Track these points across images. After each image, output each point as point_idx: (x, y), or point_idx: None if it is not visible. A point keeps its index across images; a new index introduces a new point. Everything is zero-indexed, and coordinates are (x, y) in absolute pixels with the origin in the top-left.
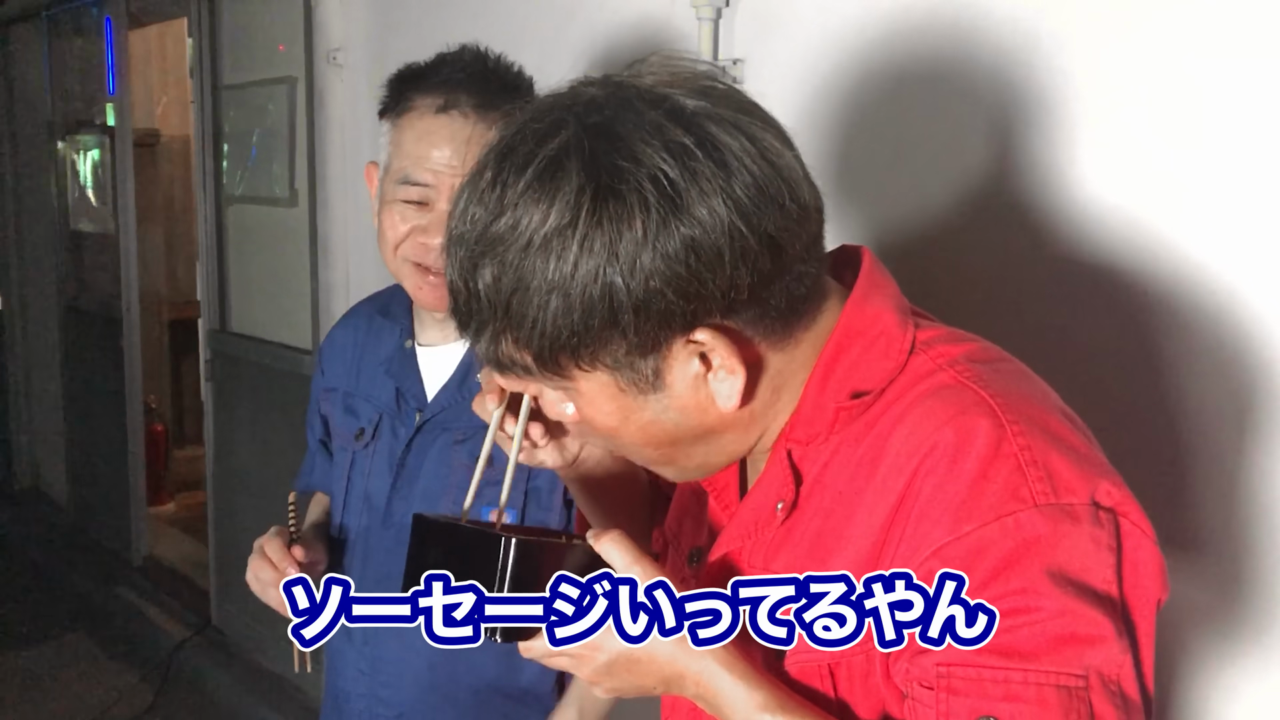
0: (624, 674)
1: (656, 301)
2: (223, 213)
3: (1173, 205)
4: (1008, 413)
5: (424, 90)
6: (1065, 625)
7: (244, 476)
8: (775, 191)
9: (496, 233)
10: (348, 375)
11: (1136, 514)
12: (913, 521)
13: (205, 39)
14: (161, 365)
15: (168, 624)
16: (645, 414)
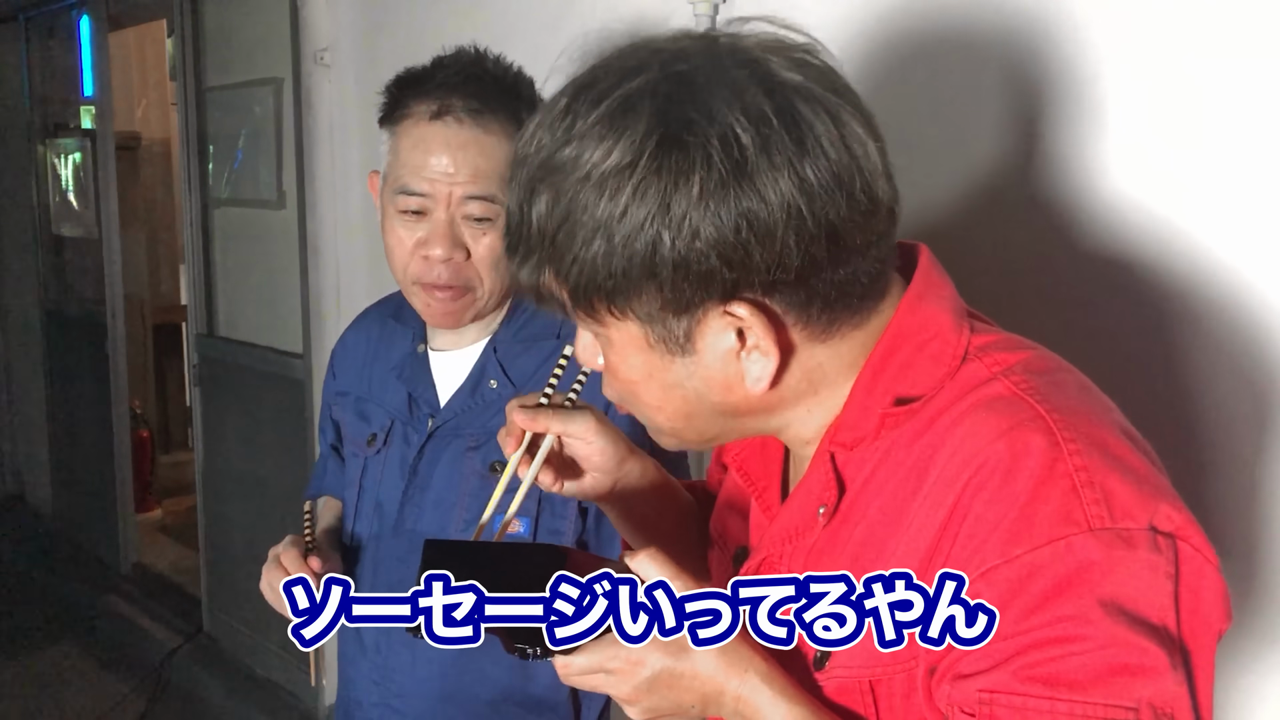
0: (665, 690)
1: (699, 262)
2: (209, 216)
3: (1193, 203)
4: (1064, 430)
5: (419, 96)
6: (1116, 655)
7: (234, 481)
8: (848, 180)
9: (559, 161)
10: (360, 379)
11: (1199, 539)
12: (961, 540)
13: (188, 40)
14: (146, 370)
15: (159, 632)
16: (669, 376)
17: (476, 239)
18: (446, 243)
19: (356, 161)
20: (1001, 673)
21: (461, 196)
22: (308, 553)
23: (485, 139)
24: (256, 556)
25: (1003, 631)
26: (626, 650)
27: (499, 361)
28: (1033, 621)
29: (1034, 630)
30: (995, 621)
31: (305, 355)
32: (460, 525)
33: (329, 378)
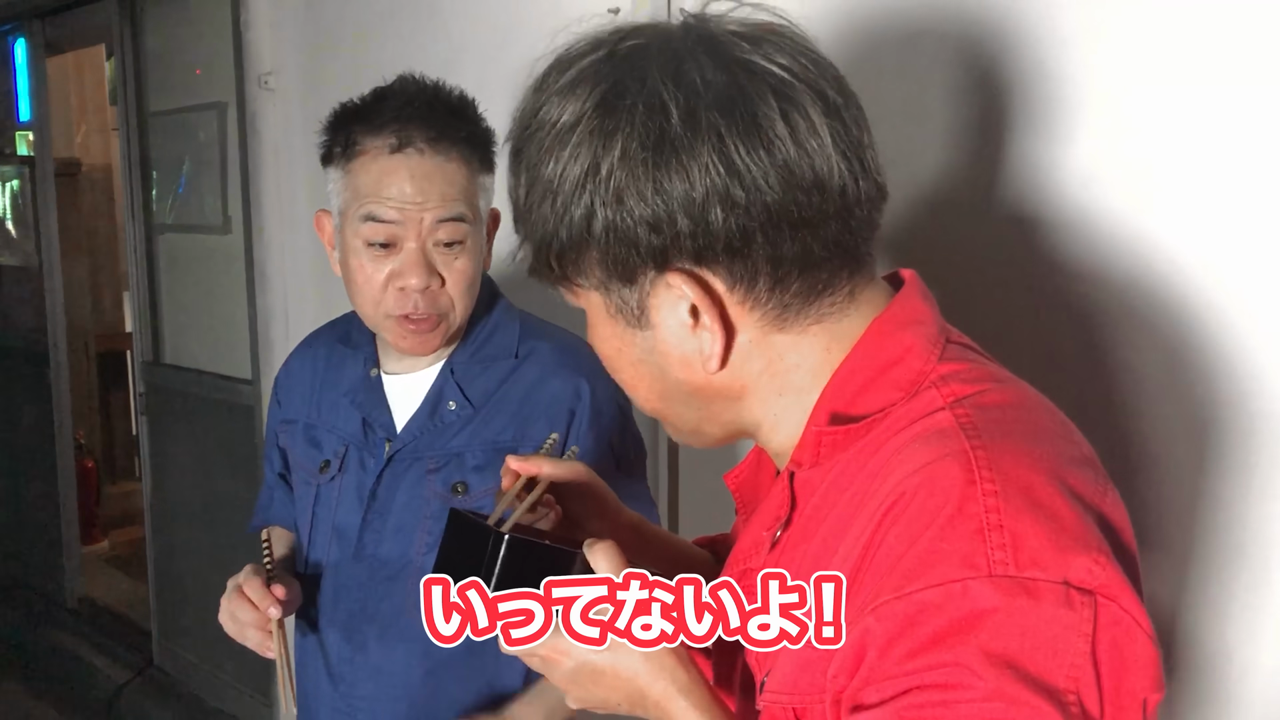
0: (589, 684)
1: (626, 226)
2: (153, 242)
3: (1148, 213)
4: (984, 468)
5: (372, 131)
6: (996, 711)
7: (183, 510)
8: (788, 160)
9: (531, 125)
10: (308, 406)
11: (1128, 600)
12: (870, 570)
13: (129, 64)
14: (90, 400)
15: (107, 666)
16: (634, 350)
17: (449, 265)
18: (423, 272)
19: (303, 185)
20: (886, 710)
21: (433, 222)
22: (269, 581)
23: (447, 166)
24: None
25: (888, 669)
26: (554, 641)
27: (457, 383)
28: (917, 663)
29: (918, 673)
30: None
31: (254, 381)
32: (422, 549)
33: (273, 406)
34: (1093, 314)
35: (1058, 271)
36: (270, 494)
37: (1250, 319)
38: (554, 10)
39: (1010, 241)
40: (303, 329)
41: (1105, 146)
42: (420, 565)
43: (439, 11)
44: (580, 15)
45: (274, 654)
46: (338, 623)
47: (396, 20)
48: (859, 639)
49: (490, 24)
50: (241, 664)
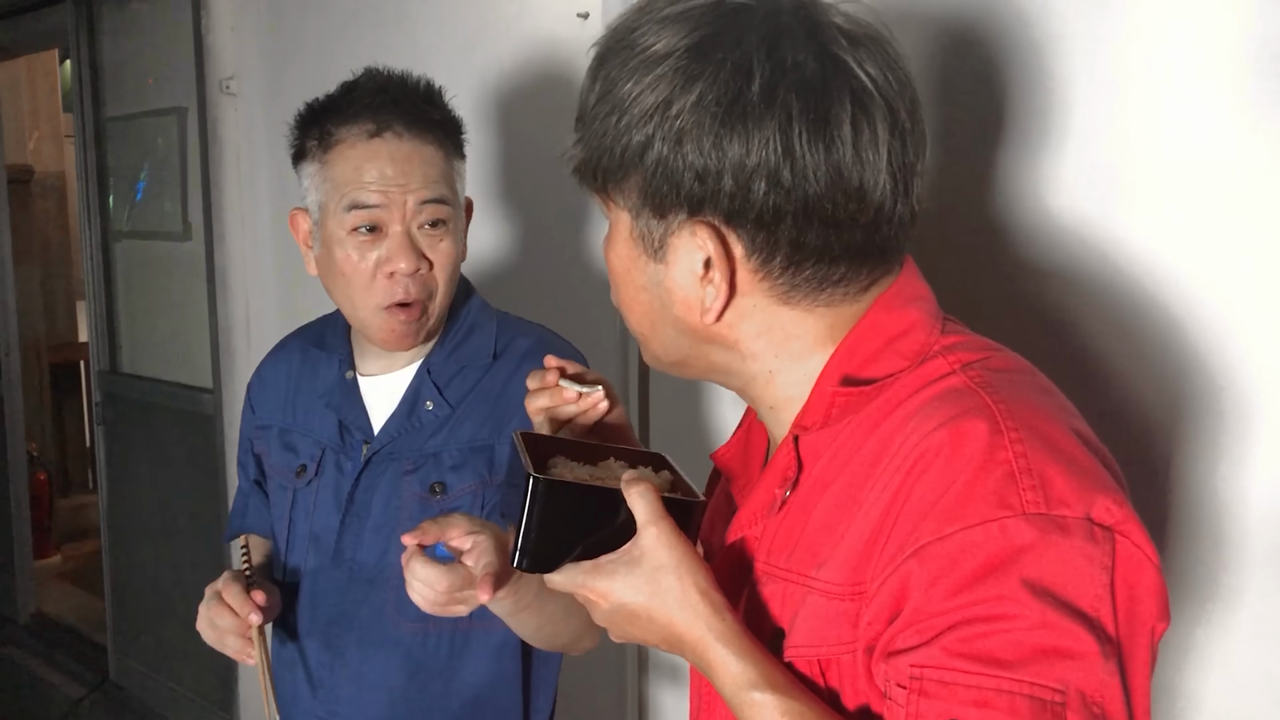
0: (626, 626)
1: (675, 166)
2: (109, 249)
3: (1129, 221)
4: (1008, 419)
5: (346, 121)
6: (1045, 637)
7: (141, 522)
8: (839, 163)
9: (621, 41)
10: (283, 410)
11: (1139, 536)
12: (901, 521)
13: (85, 69)
14: (42, 411)
15: (62, 683)
16: (642, 277)
17: (434, 247)
18: (411, 255)
19: (265, 191)
20: (932, 648)
21: (416, 204)
22: (249, 587)
23: (425, 149)
24: (166, 600)
25: (933, 608)
26: (594, 581)
27: (434, 383)
28: (962, 599)
29: (963, 608)
30: None
31: (215, 390)
32: (402, 550)
33: (247, 412)
34: (1066, 315)
35: (1033, 274)
36: (245, 501)
37: (1220, 319)
38: (520, 15)
39: (987, 245)
40: (264, 337)
41: (1081, 154)
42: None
43: (404, 16)
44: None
45: (254, 661)
46: (317, 628)
47: (360, 24)
48: (899, 584)
49: (456, 29)
50: (200, 677)
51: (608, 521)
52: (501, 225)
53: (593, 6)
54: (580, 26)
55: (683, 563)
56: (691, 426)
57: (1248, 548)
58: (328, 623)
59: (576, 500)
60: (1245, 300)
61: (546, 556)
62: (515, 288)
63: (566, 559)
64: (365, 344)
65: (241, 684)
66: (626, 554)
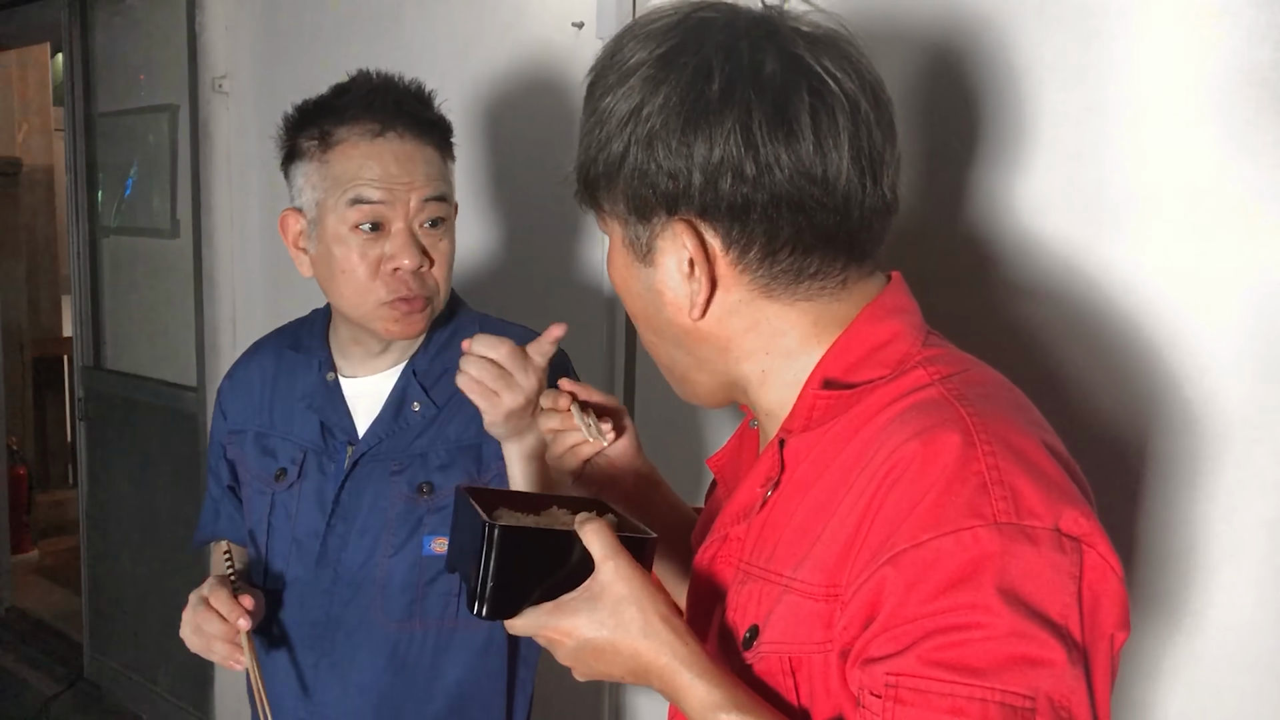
0: (592, 662)
1: (649, 168)
2: (97, 245)
3: (1088, 236)
4: (980, 431)
5: (347, 121)
6: (1015, 645)
7: (120, 519)
8: (802, 158)
9: (608, 62)
10: (259, 414)
11: (1104, 547)
12: (876, 527)
13: (77, 64)
14: (23, 405)
15: (35, 679)
16: (636, 283)
17: (434, 245)
18: (414, 252)
19: (255, 190)
20: (907, 657)
21: (419, 201)
22: (235, 592)
23: (426, 149)
24: (143, 598)
25: (908, 613)
26: (557, 621)
27: (420, 384)
28: (936, 605)
29: (937, 615)
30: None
31: (199, 388)
32: (389, 551)
33: (218, 418)
34: (1044, 334)
35: (1013, 292)
36: (216, 508)
37: (1197, 343)
38: (516, 21)
39: (967, 263)
40: (250, 336)
41: (1062, 176)
42: (387, 569)
43: (399, 19)
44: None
45: (243, 666)
46: (303, 630)
47: (355, 25)
48: (874, 589)
49: (450, 33)
50: (176, 677)
51: (563, 564)
52: (491, 230)
53: (587, 16)
54: (575, 36)
55: (643, 593)
56: (680, 432)
57: (1217, 570)
58: (314, 624)
59: (532, 544)
60: (1222, 325)
61: (506, 602)
62: (504, 292)
63: (525, 604)
64: (347, 346)
65: (217, 685)
66: (586, 590)
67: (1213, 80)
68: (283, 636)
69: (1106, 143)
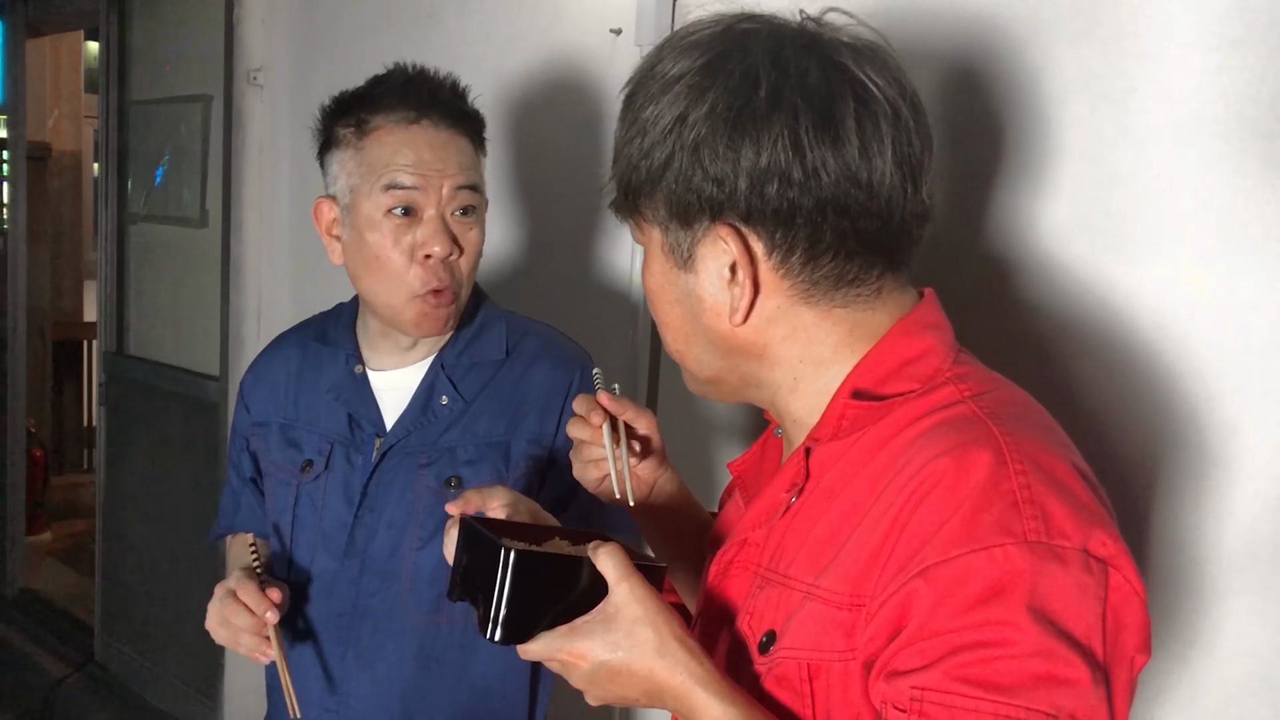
0: (607, 684)
1: (694, 175)
2: (124, 231)
3: (1106, 259)
4: (1012, 450)
5: (384, 109)
6: (1040, 664)
7: (136, 504)
8: (847, 162)
9: (647, 75)
10: (284, 406)
11: (1129, 570)
12: (904, 541)
13: (113, 52)
14: (43, 388)
15: (46, 660)
16: (674, 290)
17: (464, 235)
18: (446, 239)
19: (286, 183)
20: (933, 672)
21: (451, 189)
22: (262, 585)
23: (460, 139)
24: (156, 584)
25: (936, 626)
26: (571, 644)
27: (448, 378)
28: (965, 620)
29: (966, 630)
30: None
31: (221, 378)
32: (415, 544)
33: (240, 411)
34: (1058, 351)
35: (1028, 311)
36: (236, 500)
37: (1208, 364)
38: (554, 24)
39: (985, 281)
40: (275, 327)
41: (1078, 200)
42: (414, 561)
43: (436, 18)
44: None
45: (271, 658)
46: (329, 622)
47: (392, 23)
48: (903, 602)
49: (488, 34)
50: (186, 663)
51: (573, 589)
52: (520, 231)
53: (625, 22)
54: (612, 42)
55: (658, 614)
56: (701, 435)
57: (1226, 589)
58: (340, 616)
59: (546, 569)
60: (1232, 346)
61: (519, 627)
62: (531, 293)
63: (537, 629)
64: (376, 339)
65: (227, 671)
66: (601, 613)
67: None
68: (309, 629)
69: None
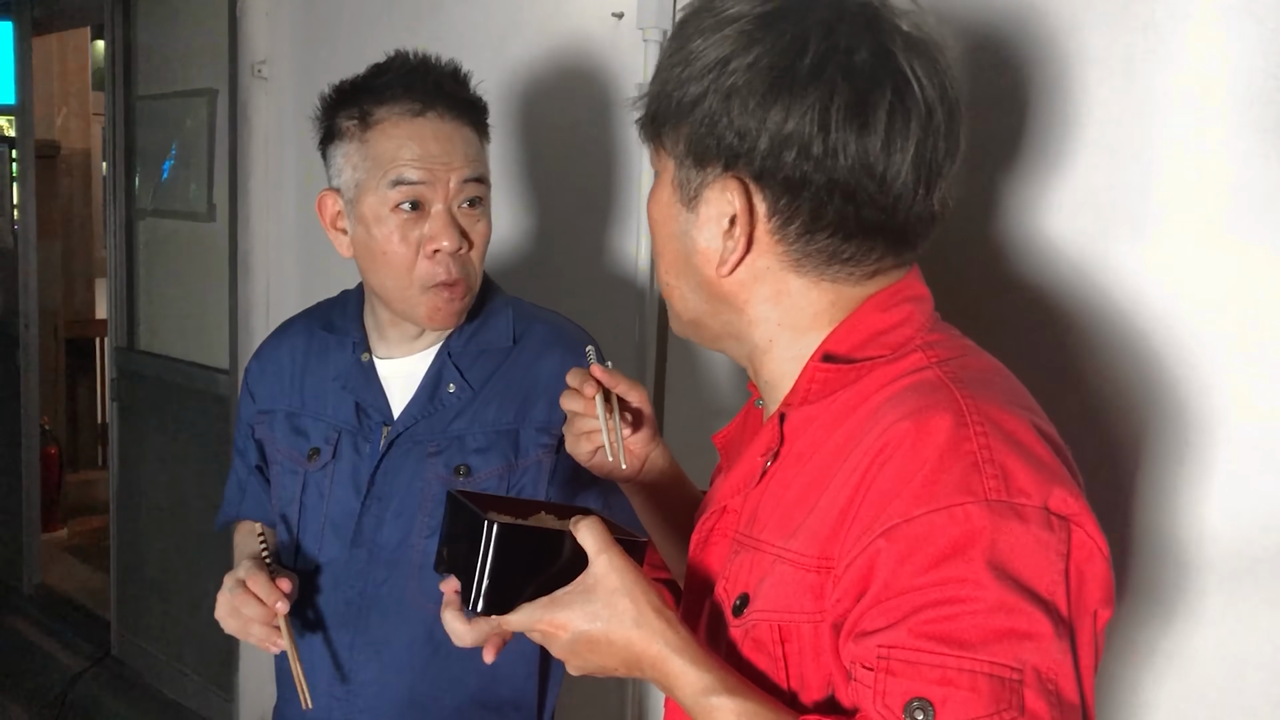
0: (586, 653)
1: (720, 120)
2: (133, 227)
3: (1110, 238)
4: (973, 413)
5: (387, 100)
6: (1003, 619)
7: (150, 500)
8: (868, 150)
9: (706, 6)
10: (289, 394)
11: (1091, 527)
12: (867, 502)
13: (119, 48)
14: (56, 385)
15: (62, 655)
16: (675, 224)
17: (472, 227)
18: (454, 233)
19: (292, 175)
20: (898, 630)
21: (459, 182)
22: (272, 574)
23: (465, 129)
24: (171, 578)
25: (900, 585)
26: (551, 615)
27: (455, 366)
28: (928, 578)
29: (928, 588)
30: None
31: (231, 370)
32: (424, 532)
33: (245, 399)
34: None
35: (1021, 287)
36: (242, 488)
37: (1196, 347)
38: (555, 12)
39: (995, 259)
40: (284, 319)
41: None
42: (422, 549)
43: (439, 7)
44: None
45: (280, 648)
46: (337, 610)
47: (394, 14)
48: (867, 562)
49: (490, 21)
50: (201, 656)
51: (555, 562)
52: (525, 217)
53: (627, 6)
54: (614, 26)
55: (636, 585)
56: (705, 416)
57: (1209, 568)
58: (348, 604)
59: (528, 543)
60: (1221, 331)
61: (501, 599)
62: (537, 281)
63: (519, 601)
64: (384, 327)
65: (242, 664)
66: (580, 584)
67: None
68: (318, 618)
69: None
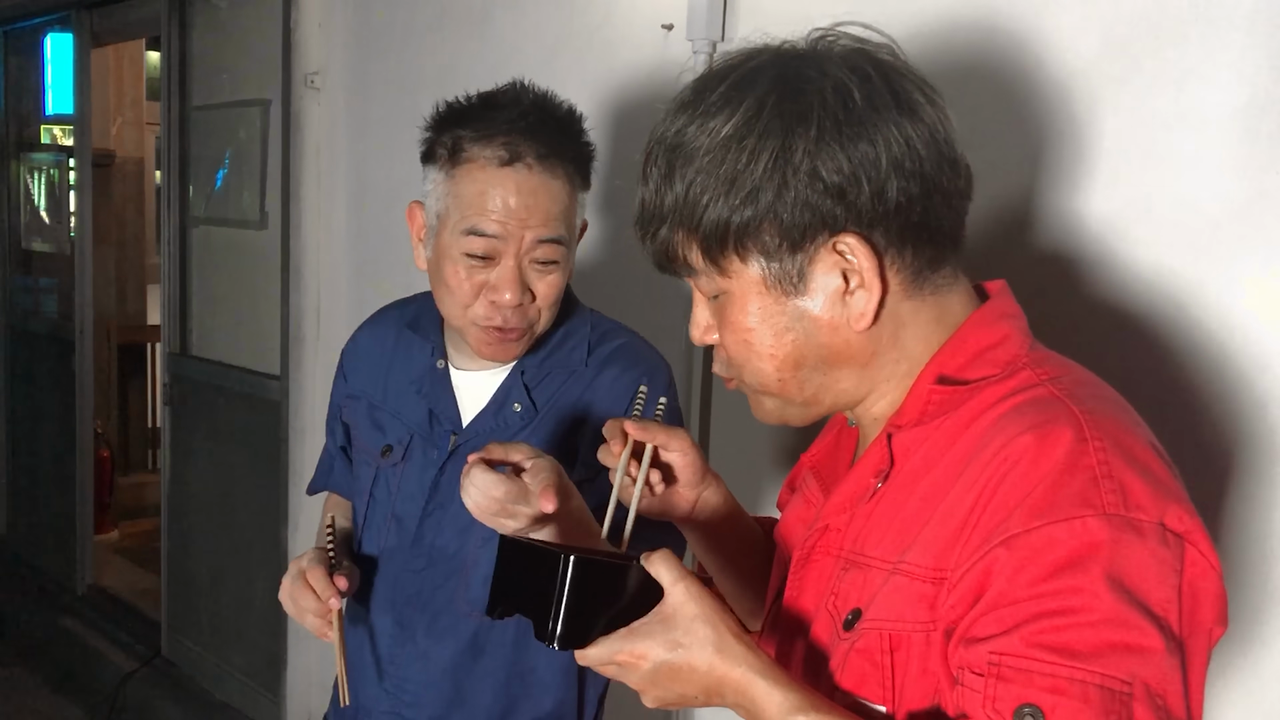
0: (667, 683)
1: (815, 198)
2: (187, 235)
3: (1153, 251)
4: (1092, 428)
5: (480, 140)
6: (1117, 632)
7: (200, 503)
8: (939, 138)
9: (690, 135)
10: (374, 385)
11: (1205, 545)
12: (988, 514)
13: (175, 59)
14: (109, 389)
15: (115, 655)
16: (783, 319)
17: (541, 279)
18: (517, 288)
19: (343, 184)
20: (1011, 638)
21: (533, 241)
22: (332, 570)
23: (553, 184)
24: (220, 581)
25: (1016, 594)
26: (631, 645)
27: (525, 385)
28: (1044, 588)
29: (1044, 598)
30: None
31: (282, 377)
32: (478, 542)
33: (339, 379)
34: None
35: (1079, 301)
36: (331, 463)
37: (1254, 354)
38: (605, 23)
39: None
40: (334, 326)
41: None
42: (476, 558)
43: (490, 18)
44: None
45: (331, 639)
46: (391, 608)
47: (446, 25)
48: (985, 570)
49: (540, 32)
50: (249, 658)
51: (624, 595)
52: None
53: (677, 19)
54: (664, 38)
55: (715, 611)
56: (751, 444)
57: None
58: (405, 601)
59: (601, 575)
60: None
61: (578, 633)
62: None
63: (592, 634)
64: (456, 339)
65: (290, 667)
66: (658, 613)
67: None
68: (372, 608)
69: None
